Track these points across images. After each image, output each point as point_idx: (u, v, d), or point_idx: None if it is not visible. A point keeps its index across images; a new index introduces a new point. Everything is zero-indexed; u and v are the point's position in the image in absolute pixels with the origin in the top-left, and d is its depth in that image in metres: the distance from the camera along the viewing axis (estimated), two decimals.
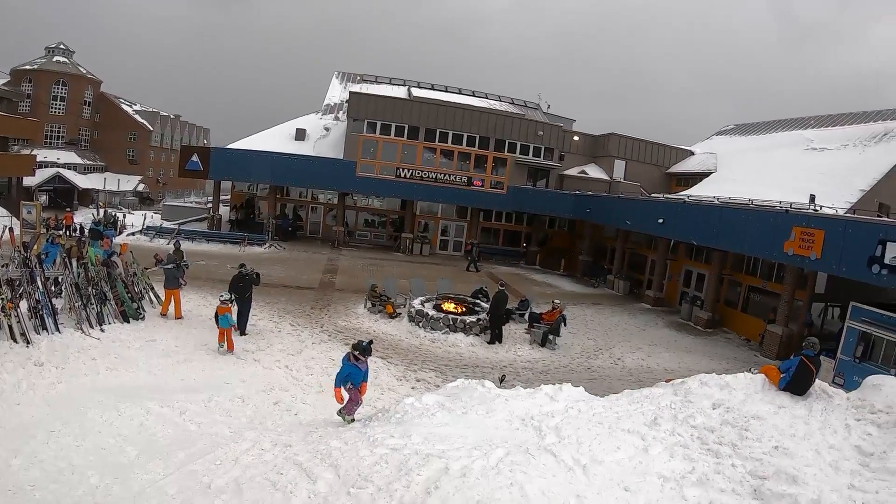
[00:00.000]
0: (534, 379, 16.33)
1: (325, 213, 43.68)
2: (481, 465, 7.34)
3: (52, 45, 77.02)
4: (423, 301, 21.62)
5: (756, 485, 6.91)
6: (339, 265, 32.54)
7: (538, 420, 9.06)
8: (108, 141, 79.69)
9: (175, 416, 10.83)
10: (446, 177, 40.01)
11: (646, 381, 16.25)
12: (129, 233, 35.59)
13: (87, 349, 13.80)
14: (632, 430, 8.45)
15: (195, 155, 40.04)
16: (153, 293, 18.94)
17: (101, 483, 8.04)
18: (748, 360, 20.58)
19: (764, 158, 38.68)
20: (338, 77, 52.58)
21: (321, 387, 14.09)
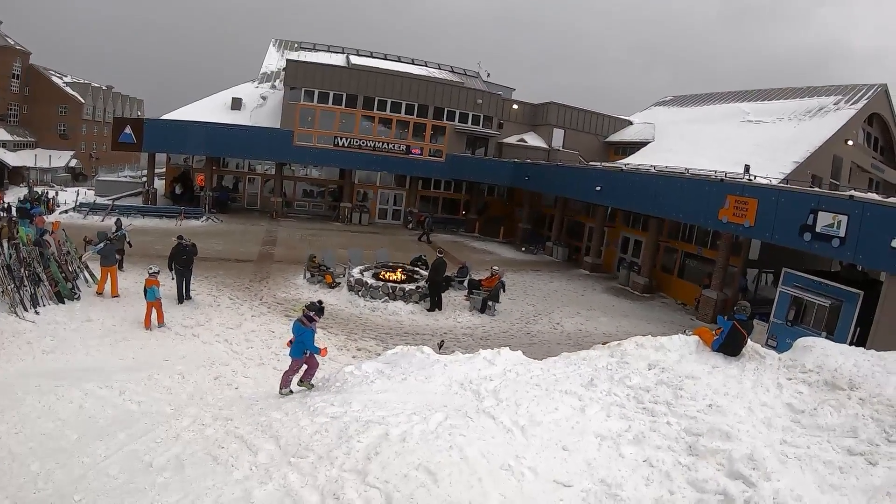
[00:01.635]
0: (474, 345, 16.51)
1: (263, 184, 42.99)
2: (421, 430, 7.45)
3: None
4: (362, 270, 21.59)
5: (691, 441, 7.12)
6: (278, 237, 32.22)
7: (477, 384, 9.18)
8: (38, 115, 75.07)
9: (114, 396, 10.69)
10: (385, 145, 39.79)
11: (584, 344, 16.39)
12: (62, 210, 34.37)
13: (22, 333, 13.53)
14: (569, 391, 8.62)
15: (128, 127, 38.86)
16: (88, 272, 18.44)
17: (42, 469, 7.91)
18: (684, 324, 21.00)
19: (701, 129, 39.36)
20: (275, 45, 51.19)
21: (262, 359, 14.13)
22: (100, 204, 35.51)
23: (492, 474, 6.54)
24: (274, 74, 46.79)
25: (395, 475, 6.56)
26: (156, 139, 38.71)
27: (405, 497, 6.17)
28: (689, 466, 6.65)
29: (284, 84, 41.12)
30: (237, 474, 7.33)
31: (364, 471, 6.76)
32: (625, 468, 6.75)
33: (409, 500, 6.13)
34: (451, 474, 6.49)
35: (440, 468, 6.58)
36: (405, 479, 6.48)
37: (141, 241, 22.10)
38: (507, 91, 49.96)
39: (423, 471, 6.58)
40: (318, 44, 50.30)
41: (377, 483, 6.49)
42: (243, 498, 6.75)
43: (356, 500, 6.29)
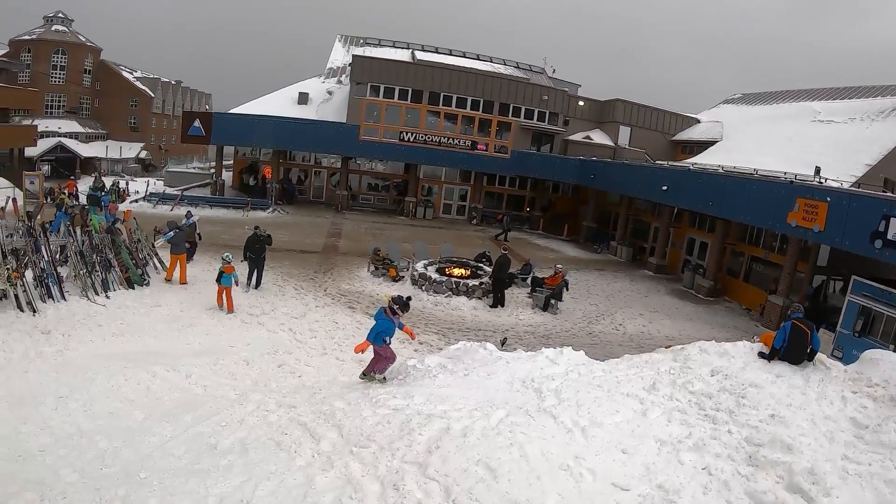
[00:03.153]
0: (535, 343, 16.36)
1: (329, 177, 43.45)
2: (482, 426, 7.49)
3: (50, 14, 75.24)
4: (426, 264, 21.63)
5: (751, 451, 7.00)
6: (343, 229, 32.54)
7: (538, 382, 9.17)
8: (109, 109, 78.38)
9: (181, 379, 11.04)
10: (450, 141, 39.77)
11: (646, 347, 16.24)
12: (132, 200, 35.54)
13: (93, 316, 13.99)
14: (631, 394, 8.56)
15: (197, 120, 39.80)
16: (157, 259, 19.02)
17: (109, 447, 8.21)
18: (749, 330, 20.52)
19: (770, 128, 38.10)
20: (340, 40, 51.81)
21: (325, 349, 14.30)
22: (169, 194, 36.59)
23: (551, 473, 6.54)
24: (340, 70, 47.34)
25: (455, 469, 6.62)
26: (224, 132, 39.59)
27: (464, 491, 6.21)
28: (748, 477, 6.58)
29: (351, 79, 41.53)
30: (300, 461, 7.49)
31: (425, 463, 6.82)
32: (683, 475, 6.70)
33: (468, 494, 6.18)
34: (511, 471, 6.51)
35: (500, 465, 6.61)
36: (465, 473, 6.53)
37: (209, 230, 22.65)
38: (573, 87, 49.30)
39: (482, 466, 6.62)
40: (383, 39, 50.55)
41: (437, 476, 6.55)
42: (305, 484, 6.89)
43: (416, 491, 6.35)
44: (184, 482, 7.32)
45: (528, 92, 42.08)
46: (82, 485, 7.26)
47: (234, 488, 7.03)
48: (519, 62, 50.49)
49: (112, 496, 6.99)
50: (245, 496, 6.82)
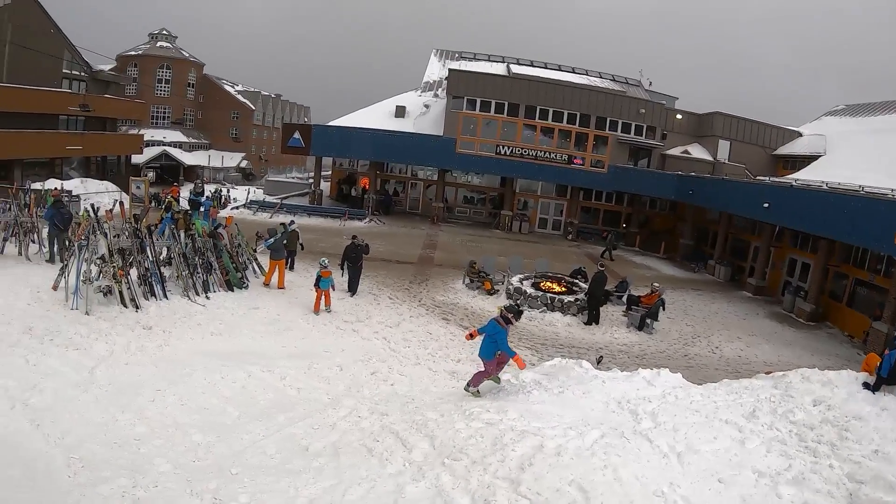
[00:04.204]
0: (629, 363, 16.03)
1: (425, 189, 43.93)
2: (576, 446, 7.36)
3: (155, 31, 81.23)
4: (521, 279, 21.45)
5: (853, 489, 6.66)
6: (438, 241, 32.73)
7: (635, 404, 8.94)
8: (211, 120, 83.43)
9: (276, 380, 11.23)
10: (546, 155, 39.42)
11: (743, 372, 15.72)
12: (233, 207, 36.95)
13: (193, 315, 14.42)
14: (729, 420, 8.21)
15: (297, 132, 41.07)
16: (257, 264, 19.55)
17: (203, 441, 8.46)
18: (851, 358, 19.42)
19: (877, 142, 35.89)
20: (436, 55, 52.51)
21: (418, 359, 14.29)
22: (269, 202, 37.87)
23: (645, 499, 6.39)
24: (436, 83, 47.91)
25: (547, 488, 6.53)
26: (323, 144, 40.72)
27: None
28: None
29: (447, 93, 41.92)
30: (391, 468, 7.53)
31: (517, 480, 6.75)
32: None
33: None
34: (604, 494, 6.38)
35: (593, 486, 6.49)
36: (557, 493, 6.43)
37: (307, 238, 23.06)
38: (670, 100, 48.13)
39: (575, 487, 6.51)
40: (478, 53, 50.90)
41: (529, 494, 6.47)
42: (395, 492, 6.89)
43: None
44: (275, 481, 7.44)
45: (625, 105, 41.40)
46: (174, 475, 7.47)
47: (323, 491, 7.09)
48: (615, 75, 49.74)
49: (203, 489, 7.17)
50: (335, 499, 6.87)
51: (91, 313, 12.85)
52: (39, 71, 45.62)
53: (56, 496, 6.78)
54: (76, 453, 7.68)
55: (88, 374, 10.17)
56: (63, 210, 17.24)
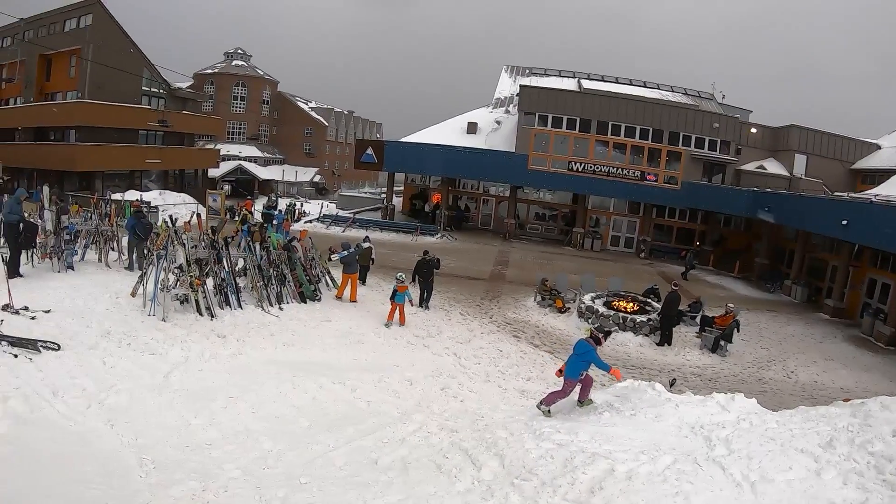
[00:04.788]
0: (701, 386, 15.64)
1: (497, 205, 43.94)
2: (647, 471, 7.23)
3: (230, 50, 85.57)
4: (593, 297, 21.15)
5: None
6: (510, 258, 32.58)
7: (708, 430, 8.67)
8: (286, 136, 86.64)
9: (346, 392, 11.30)
10: (619, 171, 38.85)
11: (820, 398, 15.18)
12: (307, 220, 37.69)
13: (267, 325, 14.71)
14: (805, 450, 7.86)
15: (370, 148, 41.72)
16: (329, 277, 19.81)
17: (274, 448, 8.58)
18: None
19: None
20: (507, 71, 52.64)
21: (488, 376, 14.19)
22: (341, 216, 38.53)
23: None
24: (507, 100, 47.99)
25: None
26: (395, 160, 41.21)
27: None
28: None
29: (519, 109, 41.99)
30: (459, 486, 7.51)
31: None
32: None
33: None
34: None
35: None
36: None
37: (379, 253, 23.28)
38: (744, 113, 46.93)
39: None
40: (548, 69, 50.85)
41: None
42: None
43: None
44: (342, 492, 7.48)
45: (698, 120, 40.58)
46: (244, 481, 7.60)
47: None
48: (687, 88, 48.78)
49: (272, 496, 7.26)
50: None
51: (167, 320, 13.30)
52: (120, 88, 47.88)
53: (127, 494, 6.97)
54: (148, 454, 7.90)
55: (163, 378, 10.49)
56: (143, 220, 17.97)
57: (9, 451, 7.38)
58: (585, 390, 10.49)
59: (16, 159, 46.90)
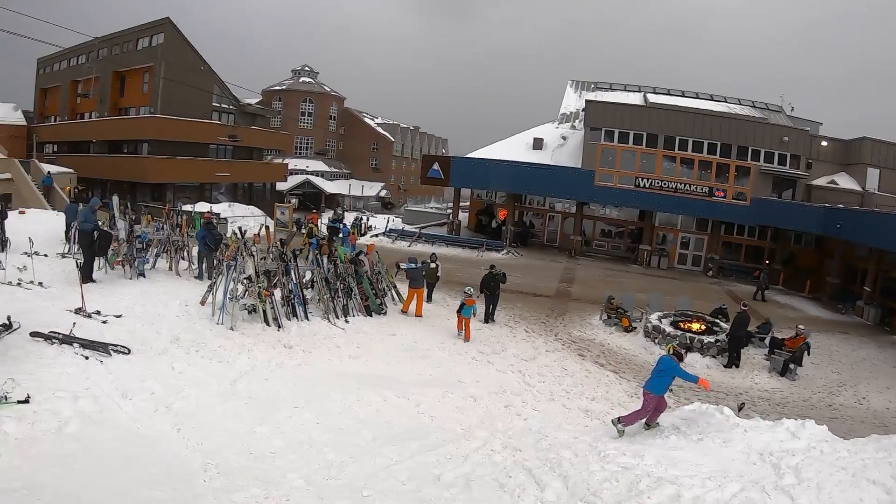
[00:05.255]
0: (769, 410, 15.16)
1: (562, 221, 43.65)
2: (714, 498, 7.09)
3: (297, 67, 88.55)
4: (660, 317, 20.81)
5: None
6: (576, 275, 32.33)
7: (777, 457, 8.40)
8: (352, 151, 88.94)
9: (410, 407, 11.33)
10: (686, 187, 38.14)
11: (892, 426, 14.54)
12: (373, 234, 38.12)
13: (333, 337, 14.93)
14: (877, 481, 7.52)
15: (436, 164, 42.18)
16: (395, 291, 20.10)
17: (336, 460, 8.60)
18: None
19: None
20: (572, 86, 52.36)
21: (552, 395, 14.02)
22: (407, 231, 38.83)
23: None
24: (573, 115, 47.72)
25: None
26: (462, 175, 41.50)
27: None
28: None
29: (584, 124, 41.65)
30: None
31: None
32: None
33: None
34: None
35: None
36: None
37: (445, 268, 23.28)
38: (814, 126, 45.03)
39: None
40: (614, 83, 50.32)
41: None
42: None
43: None
44: None
45: (767, 133, 39.33)
46: (306, 490, 7.65)
47: None
48: (754, 101, 47.45)
49: None
50: None
51: (235, 329, 13.63)
52: (191, 104, 49.75)
53: (190, 497, 7.08)
54: (213, 459, 8.03)
55: (230, 385, 10.69)
56: (213, 231, 18.48)
57: (77, 448, 7.59)
58: (656, 413, 10.32)
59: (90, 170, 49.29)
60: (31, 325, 11.09)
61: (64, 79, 60.55)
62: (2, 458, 7.03)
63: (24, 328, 10.88)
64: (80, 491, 6.72)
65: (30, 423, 7.84)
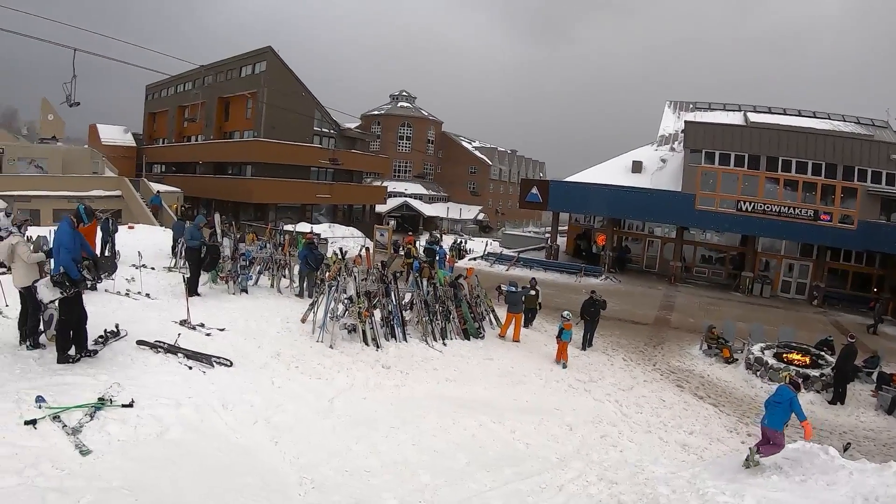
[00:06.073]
0: (875, 452, 14.27)
1: (662, 247, 42.68)
2: None
3: (395, 92, 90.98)
4: (762, 348, 20.05)
5: None
6: (676, 302, 31.57)
7: (883, 502, 7.98)
8: (450, 174, 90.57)
9: (506, 433, 11.23)
10: (790, 210, 36.07)
11: None
12: (471, 258, 38.38)
13: (430, 360, 15.01)
14: None
15: (535, 188, 42.12)
16: (494, 315, 20.06)
17: (431, 482, 8.62)
18: None
19: None
20: (670, 106, 51.21)
21: (649, 427, 13.64)
22: (506, 255, 38.86)
23: None
24: (672, 136, 46.62)
25: None
26: (560, 199, 41.22)
27: None
28: None
29: (684, 146, 40.67)
30: None
31: None
32: None
33: None
34: None
35: None
36: None
37: (543, 293, 23.13)
38: None
39: None
40: (713, 103, 48.91)
41: None
42: None
43: None
44: None
45: (874, 151, 36.87)
46: None
47: None
48: (859, 117, 44.83)
49: None
50: None
51: (335, 347, 13.92)
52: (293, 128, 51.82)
53: None
54: (308, 474, 8.16)
55: (328, 402, 10.86)
56: (315, 251, 19.03)
57: (177, 454, 7.90)
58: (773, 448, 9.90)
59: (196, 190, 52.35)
60: (138, 333, 11.72)
61: (171, 104, 64.68)
62: (104, 457, 7.39)
63: (130, 336, 11.54)
64: (177, 494, 7.00)
65: (133, 427, 8.24)
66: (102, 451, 7.52)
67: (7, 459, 6.92)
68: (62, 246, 10.05)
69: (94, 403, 8.49)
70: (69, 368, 9.73)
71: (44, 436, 7.58)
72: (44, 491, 6.46)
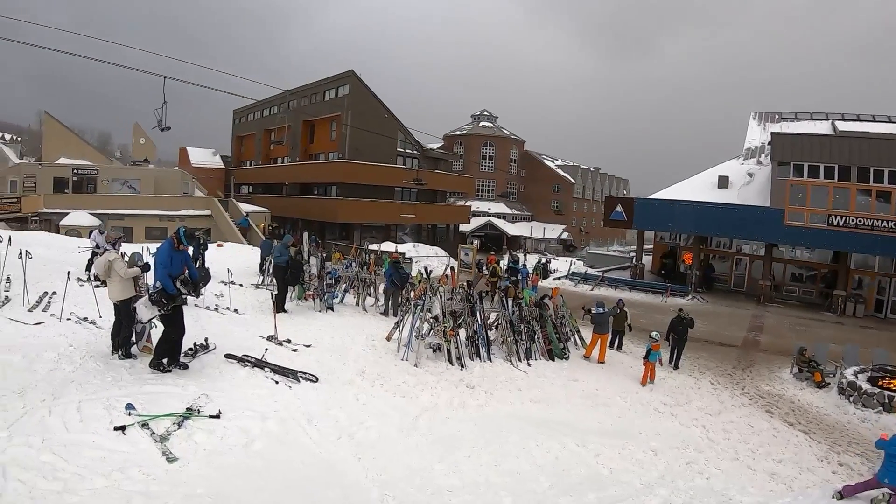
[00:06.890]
0: None
1: (750, 264, 41.30)
2: None
3: (477, 112, 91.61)
4: (856, 372, 19.05)
5: None
6: (765, 323, 30.50)
7: None
8: (533, 193, 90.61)
9: (589, 456, 11.05)
10: (884, 224, 33.93)
11: None
12: (555, 277, 38.14)
13: (514, 380, 14.96)
14: None
15: (619, 206, 41.53)
16: (579, 336, 19.92)
17: None
18: None
19: None
20: (755, 118, 49.44)
21: (737, 454, 13.17)
22: (590, 274, 38.45)
23: None
24: (758, 149, 45.09)
25: None
26: (645, 217, 40.58)
27: None
28: None
29: (771, 159, 39.10)
30: None
31: None
32: None
33: None
34: None
35: None
36: None
37: (629, 313, 22.81)
38: None
39: None
40: (799, 112, 46.99)
41: None
42: None
43: None
44: None
45: None
46: None
47: None
48: None
49: None
50: None
51: (419, 366, 14.08)
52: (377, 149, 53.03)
53: None
54: (390, 491, 8.23)
55: (411, 420, 10.94)
56: (401, 270, 19.39)
57: (261, 465, 8.13)
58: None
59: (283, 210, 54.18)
60: (226, 347, 12.19)
61: (258, 127, 67.29)
62: (190, 465, 7.68)
63: (219, 349, 12.03)
64: None
65: (219, 437, 8.53)
66: (188, 458, 7.82)
67: (96, 462, 7.28)
68: (159, 263, 10.54)
69: (182, 413, 8.87)
70: (159, 378, 10.20)
71: (132, 442, 7.95)
72: (130, 494, 6.76)
